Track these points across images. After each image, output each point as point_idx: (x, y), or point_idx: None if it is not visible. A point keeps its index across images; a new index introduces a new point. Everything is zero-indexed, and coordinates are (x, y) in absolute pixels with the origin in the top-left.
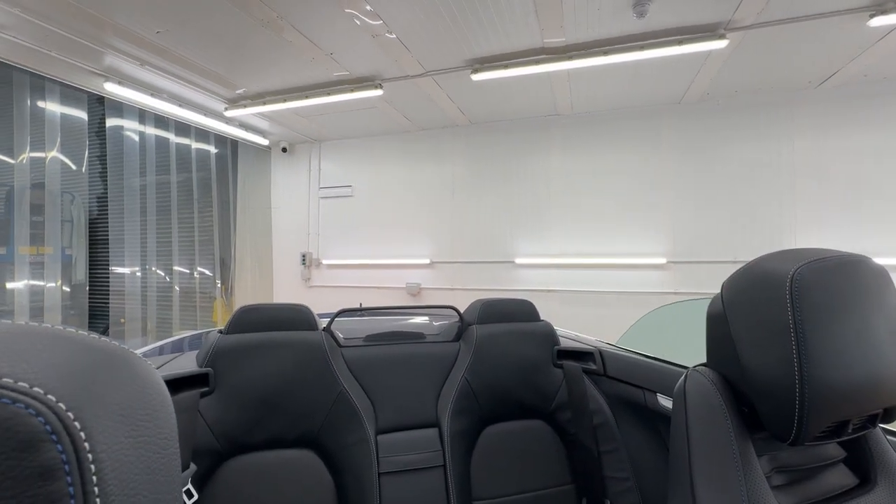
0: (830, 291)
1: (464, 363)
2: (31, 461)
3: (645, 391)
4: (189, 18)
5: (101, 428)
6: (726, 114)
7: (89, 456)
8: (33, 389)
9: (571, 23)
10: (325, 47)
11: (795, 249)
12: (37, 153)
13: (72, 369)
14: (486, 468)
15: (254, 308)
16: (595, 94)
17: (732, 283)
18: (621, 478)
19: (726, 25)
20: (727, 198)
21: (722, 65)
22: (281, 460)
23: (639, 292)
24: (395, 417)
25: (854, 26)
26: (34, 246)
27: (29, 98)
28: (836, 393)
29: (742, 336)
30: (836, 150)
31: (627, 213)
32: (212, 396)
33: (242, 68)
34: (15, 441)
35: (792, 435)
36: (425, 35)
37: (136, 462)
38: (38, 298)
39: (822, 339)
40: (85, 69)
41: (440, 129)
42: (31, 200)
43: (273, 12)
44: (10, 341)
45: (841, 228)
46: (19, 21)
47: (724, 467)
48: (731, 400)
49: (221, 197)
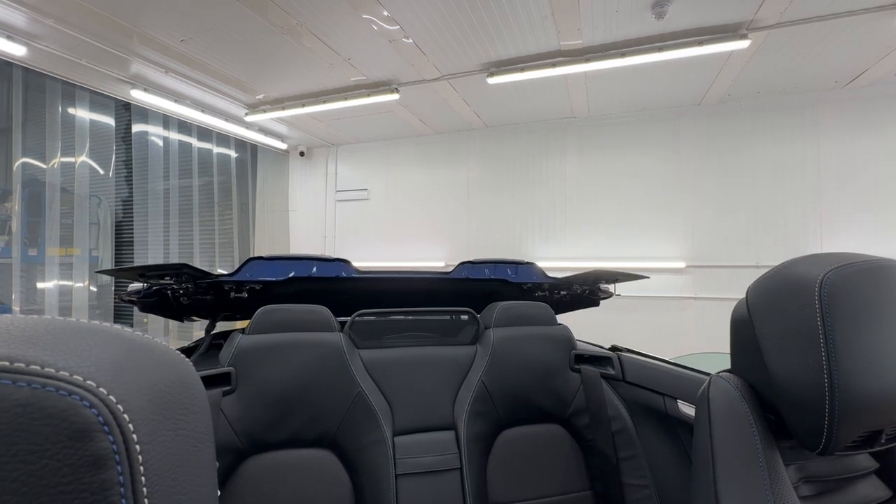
0: (860, 297)
1: (480, 366)
2: (85, 450)
3: (665, 397)
4: (212, 27)
5: (147, 420)
6: (749, 115)
7: (137, 447)
8: (87, 382)
9: (589, 25)
10: (344, 53)
11: (823, 254)
12: (67, 158)
13: (119, 364)
14: (503, 472)
15: (274, 309)
16: (612, 96)
17: (758, 288)
18: (640, 485)
19: (748, 25)
20: (749, 201)
21: (744, 65)
22: (299, 460)
23: (657, 296)
24: (412, 419)
25: (881, 24)
26: (63, 247)
27: (60, 105)
28: (868, 401)
29: (769, 342)
30: (863, 152)
31: (646, 216)
32: (233, 395)
33: (263, 74)
34: (71, 430)
35: (821, 444)
36: (441, 39)
37: (178, 454)
38: (66, 298)
39: (852, 346)
40: (113, 77)
41: (456, 133)
42: (60, 203)
43: (293, 19)
44: (63, 337)
45: (869, 232)
46: (52, 31)
47: (750, 476)
48: (757, 407)
49: (241, 200)
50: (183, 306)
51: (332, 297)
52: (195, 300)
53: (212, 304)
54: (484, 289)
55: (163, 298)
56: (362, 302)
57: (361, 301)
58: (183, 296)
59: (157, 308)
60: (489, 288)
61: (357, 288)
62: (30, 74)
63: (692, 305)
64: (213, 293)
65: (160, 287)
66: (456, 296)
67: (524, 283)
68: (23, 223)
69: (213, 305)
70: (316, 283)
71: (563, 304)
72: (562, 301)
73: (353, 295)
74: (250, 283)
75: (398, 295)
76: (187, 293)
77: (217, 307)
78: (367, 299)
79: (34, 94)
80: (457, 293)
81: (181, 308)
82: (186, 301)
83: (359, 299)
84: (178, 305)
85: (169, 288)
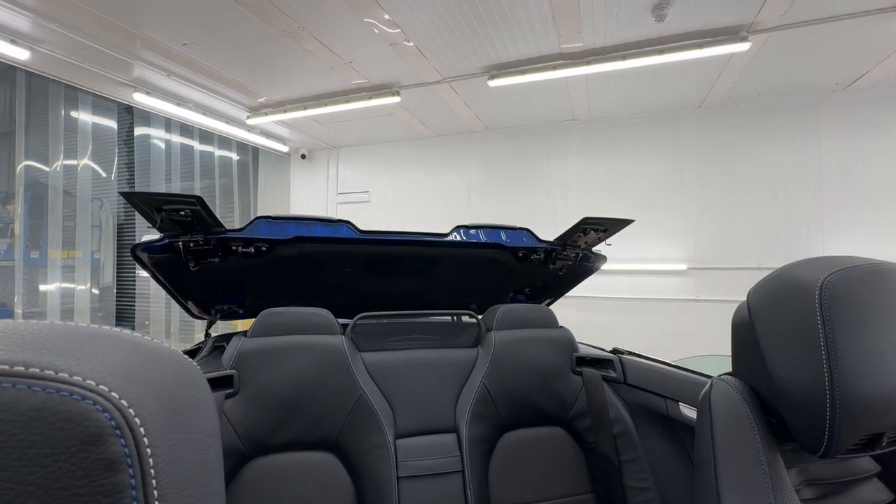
0: (861, 300)
1: (482, 369)
2: (98, 454)
3: (667, 400)
4: (214, 30)
5: (157, 423)
6: (750, 117)
7: (148, 450)
8: (99, 387)
9: (589, 28)
10: (345, 56)
11: (824, 257)
12: (69, 161)
13: (130, 368)
14: (505, 475)
15: (277, 312)
16: (613, 99)
17: (759, 291)
18: (643, 488)
19: (749, 28)
20: (751, 202)
21: (744, 67)
22: (302, 463)
23: (659, 299)
24: (413, 422)
25: (882, 27)
26: (65, 250)
27: (63, 108)
28: (869, 404)
29: (770, 345)
30: (865, 153)
31: (647, 219)
32: (236, 398)
33: (264, 77)
34: (85, 434)
35: (823, 447)
36: (442, 43)
37: (187, 456)
38: (68, 301)
39: (853, 349)
40: (115, 80)
41: (457, 135)
42: (62, 206)
43: (295, 23)
44: (74, 342)
45: (870, 234)
46: (55, 35)
47: (752, 479)
48: (758, 410)
49: (243, 202)
50: (191, 273)
51: (334, 261)
52: (203, 265)
53: (214, 275)
54: (481, 256)
55: (173, 258)
56: (364, 266)
57: (363, 265)
58: (193, 254)
59: (165, 270)
60: (486, 255)
61: (359, 251)
62: (33, 78)
63: (694, 307)
64: (220, 255)
65: (172, 241)
66: (455, 263)
67: (518, 251)
68: (25, 226)
69: (214, 283)
70: (319, 246)
71: (563, 282)
72: (561, 279)
73: (354, 259)
74: (256, 241)
75: (399, 260)
76: (197, 251)
77: (218, 287)
78: (368, 264)
79: (37, 98)
80: (456, 260)
81: (187, 278)
82: (194, 265)
83: (360, 262)
84: (186, 267)
85: (181, 240)
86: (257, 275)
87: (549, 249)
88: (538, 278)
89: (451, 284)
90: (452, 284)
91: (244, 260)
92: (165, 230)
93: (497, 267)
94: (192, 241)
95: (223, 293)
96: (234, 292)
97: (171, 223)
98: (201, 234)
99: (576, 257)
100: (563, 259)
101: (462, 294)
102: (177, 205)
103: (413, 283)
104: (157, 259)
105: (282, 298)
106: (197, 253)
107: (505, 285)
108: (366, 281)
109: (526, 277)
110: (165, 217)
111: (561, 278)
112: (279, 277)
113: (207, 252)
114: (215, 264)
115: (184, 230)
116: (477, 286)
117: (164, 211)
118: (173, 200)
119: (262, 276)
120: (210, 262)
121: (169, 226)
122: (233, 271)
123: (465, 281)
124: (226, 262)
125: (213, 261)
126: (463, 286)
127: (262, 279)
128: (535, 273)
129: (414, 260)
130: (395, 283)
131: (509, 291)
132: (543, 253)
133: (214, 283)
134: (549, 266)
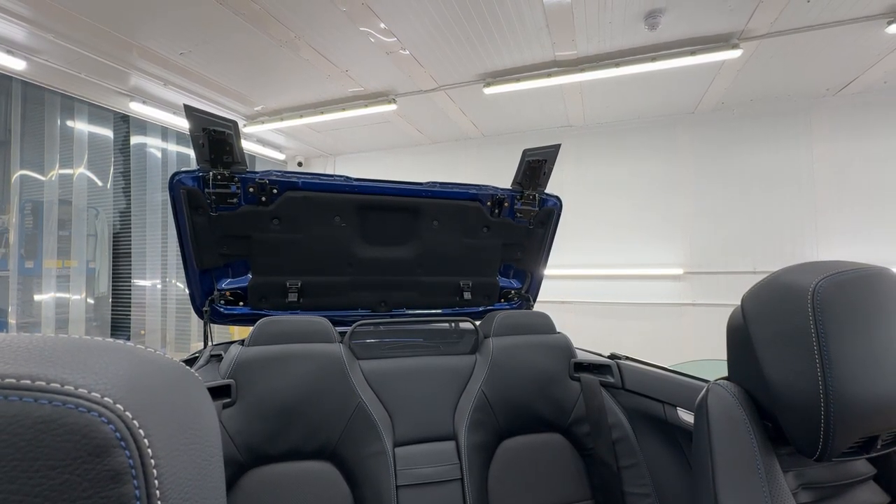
0: (853, 304)
1: (480, 376)
2: (104, 465)
3: (665, 405)
4: (211, 40)
5: (161, 435)
6: (742, 122)
7: (152, 461)
8: (104, 399)
9: (583, 36)
10: (341, 65)
11: (816, 262)
12: (65, 170)
13: (134, 381)
14: (504, 482)
15: (275, 321)
16: (607, 106)
17: (753, 296)
18: (642, 493)
19: (740, 35)
20: (745, 207)
21: (736, 74)
22: (300, 472)
23: (655, 303)
24: (412, 430)
25: (872, 33)
26: (60, 259)
27: (59, 118)
28: (863, 407)
29: (764, 350)
30: (857, 158)
31: (642, 224)
32: (234, 408)
33: (261, 86)
34: (91, 446)
35: (818, 451)
36: (438, 51)
37: (190, 468)
38: (63, 310)
39: (846, 353)
40: (112, 90)
41: (453, 142)
42: (58, 215)
43: (291, 32)
44: (79, 355)
45: (863, 237)
46: (52, 46)
47: (749, 483)
48: (754, 414)
49: None
50: (209, 221)
51: (332, 209)
52: (221, 212)
53: (228, 229)
54: (458, 207)
55: (199, 195)
56: (356, 213)
57: (356, 212)
58: (216, 195)
59: (192, 208)
60: (462, 207)
61: (353, 200)
62: (29, 87)
63: (690, 312)
64: (237, 198)
65: (203, 174)
66: (434, 213)
67: (487, 199)
68: (20, 235)
69: (226, 240)
70: (321, 195)
71: (537, 238)
72: (533, 236)
73: (349, 207)
74: (270, 181)
75: (388, 208)
76: (218, 192)
77: (228, 247)
78: (359, 211)
79: (33, 107)
80: (434, 209)
81: (204, 225)
82: (214, 210)
83: (354, 209)
84: (206, 212)
85: (211, 172)
86: (265, 230)
87: (513, 194)
88: (514, 238)
89: (437, 244)
90: (440, 244)
91: (256, 208)
92: (204, 158)
93: (473, 221)
94: (219, 174)
95: (230, 260)
96: (238, 266)
97: (211, 145)
98: (227, 168)
99: (534, 200)
100: (527, 203)
101: (451, 261)
102: (218, 126)
103: (404, 250)
104: (189, 191)
105: (282, 272)
106: (219, 195)
107: (489, 256)
108: (360, 246)
109: (504, 239)
110: (205, 138)
111: (533, 234)
112: (282, 239)
113: (227, 195)
114: (230, 215)
115: (216, 158)
116: (463, 254)
117: (207, 132)
118: (215, 122)
119: (267, 236)
120: (229, 204)
121: (209, 149)
122: (244, 225)
123: (449, 242)
124: (239, 211)
125: (231, 203)
126: (451, 250)
127: (267, 241)
128: (511, 233)
129: (399, 210)
130: (387, 246)
131: (495, 264)
132: (510, 199)
133: (226, 241)
134: (517, 218)
